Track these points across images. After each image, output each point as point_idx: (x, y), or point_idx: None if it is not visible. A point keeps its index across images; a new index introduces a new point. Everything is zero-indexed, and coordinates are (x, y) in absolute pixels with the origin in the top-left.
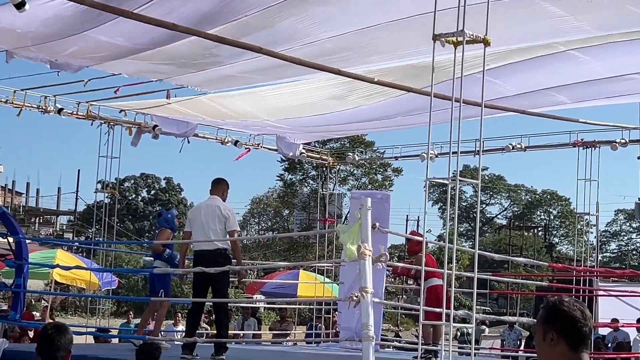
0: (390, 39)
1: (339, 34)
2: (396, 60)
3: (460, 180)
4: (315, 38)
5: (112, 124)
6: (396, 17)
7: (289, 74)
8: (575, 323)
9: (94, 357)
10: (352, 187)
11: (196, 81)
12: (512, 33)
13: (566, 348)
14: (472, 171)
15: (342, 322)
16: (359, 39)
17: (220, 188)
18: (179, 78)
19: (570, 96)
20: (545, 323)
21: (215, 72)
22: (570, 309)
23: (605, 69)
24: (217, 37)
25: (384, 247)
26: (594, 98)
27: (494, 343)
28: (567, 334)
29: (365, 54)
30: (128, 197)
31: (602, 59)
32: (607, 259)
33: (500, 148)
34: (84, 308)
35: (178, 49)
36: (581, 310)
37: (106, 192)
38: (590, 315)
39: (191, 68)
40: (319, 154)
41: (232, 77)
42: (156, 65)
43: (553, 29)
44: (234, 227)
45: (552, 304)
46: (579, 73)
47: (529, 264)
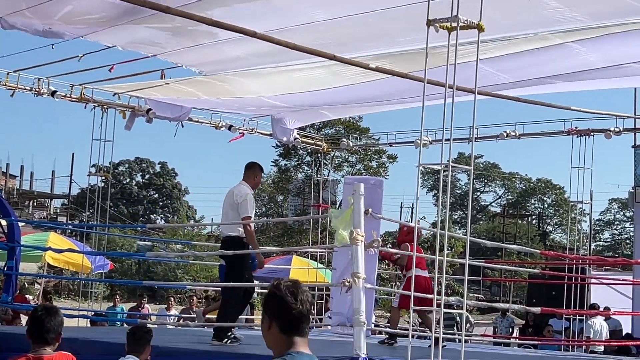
0: (384, 25)
1: (333, 17)
2: (390, 47)
3: (453, 166)
4: (310, 19)
5: (105, 107)
6: (391, 5)
7: (286, 57)
8: (285, 306)
9: (85, 340)
10: (346, 174)
11: (191, 60)
12: (506, 22)
13: (278, 332)
14: (467, 159)
15: (334, 308)
16: (354, 24)
17: (248, 173)
18: (174, 54)
19: (566, 83)
20: (263, 308)
21: (211, 51)
22: (281, 292)
23: (601, 59)
24: (212, 21)
25: (376, 233)
26: (589, 82)
27: (486, 330)
28: (278, 318)
29: (360, 40)
30: (122, 181)
31: (598, 50)
32: (601, 248)
33: (494, 135)
34: (77, 291)
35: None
36: (293, 293)
37: (100, 175)
38: (309, 298)
39: (186, 38)
40: (313, 140)
41: (227, 57)
42: (151, 33)
43: (547, 19)
44: (243, 214)
45: (268, 289)
46: (575, 64)
47: (522, 252)
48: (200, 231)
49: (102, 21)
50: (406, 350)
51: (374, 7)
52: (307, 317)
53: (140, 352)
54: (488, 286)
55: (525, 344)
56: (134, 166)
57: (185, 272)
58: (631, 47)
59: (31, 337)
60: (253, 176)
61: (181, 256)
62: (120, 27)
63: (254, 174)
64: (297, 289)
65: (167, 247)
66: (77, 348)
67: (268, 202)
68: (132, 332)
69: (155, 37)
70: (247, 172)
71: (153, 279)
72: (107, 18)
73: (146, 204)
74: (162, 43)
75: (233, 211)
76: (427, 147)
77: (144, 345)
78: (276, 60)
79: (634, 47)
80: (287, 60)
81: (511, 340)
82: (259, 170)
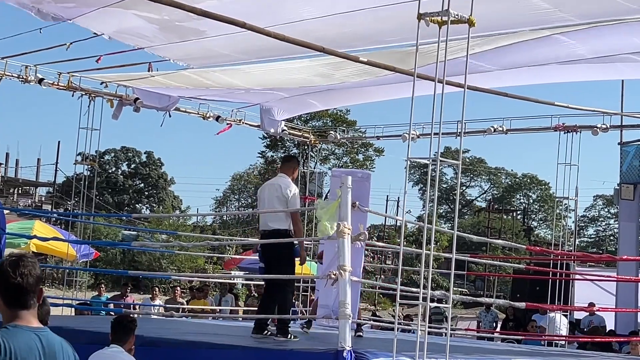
0: (375, 23)
1: (324, 15)
2: (381, 44)
3: (441, 160)
4: (299, 17)
5: (93, 95)
6: (380, 3)
7: (274, 53)
8: (5, 279)
9: (70, 329)
10: (333, 166)
11: (179, 54)
12: (496, 21)
13: (3, 305)
14: (453, 153)
15: (320, 300)
16: (344, 22)
17: (288, 165)
18: (161, 48)
19: (554, 73)
20: None
21: (198, 46)
22: (4, 266)
23: (590, 51)
24: (202, 11)
25: (363, 226)
26: (576, 70)
27: (470, 324)
28: (1, 291)
29: (350, 38)
30: (108, 170)
31: (586, 42)
32: (585, 244)
33: (481, 130)
34: (61, 280)
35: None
36: (13, 266)
37: (86, 164)
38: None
39: (174, 34)
40: (300, 132)
41: (216, 53)
42: (139, 23)
43: (537, 19)
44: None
45: None
46: (563, 55)
47: (507, 247)
48: (186, 221)
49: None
50: (392, 343)
51: (365, 4)
52: (28, 290)
53: (124, 342)
54: (472, 280)
55: (508, 339)
56: (120, 155)
57: (170, 263)
58: (619, 39)
59: None
60: (292, 169)
61: (167, 246)
62: (109, 11)
63: (293, 166)
64: (19, 263)
65: (152, 237)
66: (62, 337)
67: (254, 194)
68: (116, 322)
69: (143, 30)
70: (287, 164)
71: (138, 269)
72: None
73: (132, 193)
74: (149, 36)
75: (281, 205)
76: (415, 141)
77: (128, 334)
78: (264, 57)
79: (623, 40)
80: (275, 57)
81: (495, 334)
82: (297, 163)
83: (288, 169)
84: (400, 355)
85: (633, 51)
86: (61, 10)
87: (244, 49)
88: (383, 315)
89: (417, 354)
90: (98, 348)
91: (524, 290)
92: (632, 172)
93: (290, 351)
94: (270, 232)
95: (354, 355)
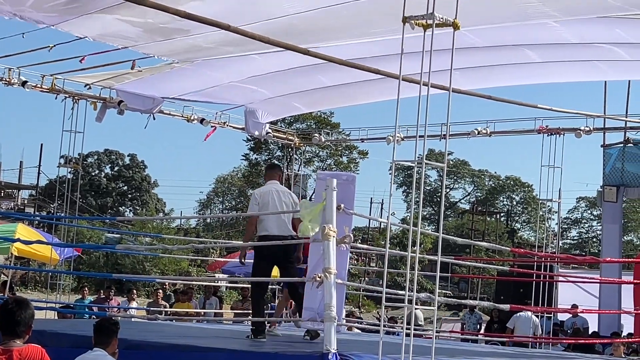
0: (359, 19)
1: (307, 10)
2: (365, 38)
3: (427, 163)
4: (283, 13)
5: (76, 98)
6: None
7: (259, 47)
8: None
9: (54, 333)
10: (317, 169)
11: (163, 50)
12: (481, 16)
13: None
14: (437, 155)
15: (305, 303)
16: (327, 16)
17: (272, 173)
18: (145, 46)
19: (540, 54)
20: None
21: (183, 42)
22: None
23: (575, 36)
24: (185, 14)
25: (348, 229)
26: (562, 60)
27: (455, 326)
28: None
29: (333, 33)
30: (91, 172)
31: (572, 28)
32: (568, 246)
33: (465, 133)
34: (44, 283)
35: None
36: None
37: (69, 166)
38: None
39: (158, 35)
40: (285, 134)
41: (200, 47)
42: (122, 27)
43: (522, 14)
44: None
45: None
46: (549, 38)
47: (491, 249)
48: (169, 224)
49: (73, 8)
50: (377, 345)
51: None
52: None
53: (106, 344)
54: (456, 282)
55: (492, 341)
56: (103, 158)
57: (153, 265)
58: (603, 30)
59: (1, 330)
60: (278, 176)
61: (151, 249)
62: (91, 16)
63: (279, 174)
64: None
65: (135, 239)
66: (45, 340)
67: (238, 196)
68: (98, 325)
69: (127, 32)
70: (272, 172)
71: (121, 272)
72: (79, 7)
73: (115, 196)
74: (133, 37)
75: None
76: (399, 144)
77: (111, 337)
78: (248, 49)
79: (608, 30)
80: (261, 50)
81: (479, 336)
82: (281, 171)
83: (276, 176)
84: (386, 357)
85: (614, 41)
86: (43, 18)
87: (228, 42)
88: (367, 318)
89: (403, 356)
90: (82, 351)
91: (508, 292)
92: (614, 174)
93: (276, 354)
94: (287, 238)
95: (340, 358)
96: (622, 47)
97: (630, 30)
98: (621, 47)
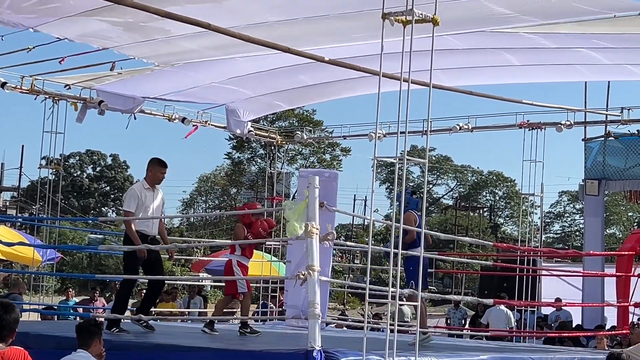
0: (340, 24)
1: (288, 19)
2: (346, 43)
3: (408, 159)
4: (263, 19)
5: (56, 99)
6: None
7: (241, 50)
8: None
9: (37, 335)
10: (300, 166)
11: (144, 52)
12: (459, 21)
13: None
14: (420, 151)
15: (289, 300)
16: (308, 22)
17: (146, 169)
18: (126, 47)
19: (519, 59)
20: None
21: (164, 43)
22: None
23: (554, 43)
24: (165, 13)
25: (331, 226)
26: (542, 64)
27: (439, 322)
28: None
29: (315, 37)
30: (73, 173)
31: (550, 36)
32: (551, 240)
33: (447, 129)
34: (27, 285)
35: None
36: None
37: (50, 168)
38: None
39: (138, 34)
40: (267, 132)
41: (182, 49)
42: (102, 27)
43: (499, 21)
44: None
45: None
46: (528, 43)
47: (475, 244)
48: None
49: (52, 8)
50: (361, 342)
51: (330, 4)
52: None
53: (89, 346)
54: (440, 278)
55: (477, 335)
56: (85, 158)
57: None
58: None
59: None
60: (148, 171)
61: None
62: (71, 18)
63: (149, 169)
64: None
65: (118, 240)
66: (29, 342)
67: (221, 195)
68: (80, 326)
69: (107, 32)
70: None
71: (105, 273)
72: (59, 10)
73: (97, 196)
74: (113, 37)
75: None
76: (381, 140)
77: (92, 338)
78: (230, 52)
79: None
80: (243, 52)
81: (464, 332)
82: (155, 164)
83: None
84: (370, 354)
85: (592, 47)
86: (22, 20)
87: (210, 44)
88: (352, 315)
89: (387, 352)
90: (65, 353)
91: (492, 286)
92: (596, 168)
93: (260, 352)
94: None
95: (324, 355)
96: (599, 52)
97: (605, 37)
98: (599, 52)
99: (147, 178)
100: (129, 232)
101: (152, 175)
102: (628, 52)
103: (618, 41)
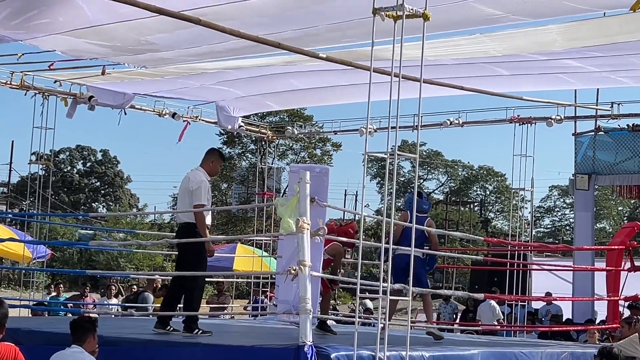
0: (332, 26)
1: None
2: (338, 44)
3: (399, 154)
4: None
5: (46, 94)
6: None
7: (230, 55)
8: None
9: (28, 330)
10: (291, 162)
11: (133, 60)
12: (449, 23)
13: None
14: (410, 146)
15: (280, 296)
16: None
17: (205, 159)
18: (115, 58)
19: (507, 68)
20: None
21: (153, 56)
22: None
23: (543, 55)
24: (155, 8)
25: (322, 221)
26: (530, 73)
27: None
28: None
29: (308, 39)
30: (63, 169)
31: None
32: (541, 234)
33: (438, 123)
34: (17, 281)
35: (114, 32)
36: None
37: (41, 163)
38: None
39: (127, 52)
40: (258, 128)
41: (170, 57)
42: (91, 47)
43: (488, 21)
44: (196, 201)
45: None
46: (517, 57)
47: (465, 239)
48: (143, 220)
49: (43, 25)
50: (352, 337)
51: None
52: None
53: (83, 342)
54: (431, 273)
55: (467, 330)
56: (75, 154)
57: (128, 261)
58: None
59: None
60: (209, 162)
61: (125, 245)
62: (57, 36)
63: (208, 160)
64: None
65: (109, 235)
66: (20, 338)
67: (212, 190)
68: (74, 322)
69: (96, 50)
70: (205, 157)
71: (95, 268)
72: (47, 28)
73: (88, 192)
74: (102, 53)
75: (188, 197)
76: (372, 135)
77: (87, 334)
78: (220, 57)
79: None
80: (231, 56)
81: (455, 326)
82: (216, 157)
83: (206, 162)
84: (361, 348)
85: (581, 56)
86: (10, 34)
87: (198, 53)
88: (342, 310)
89: (378, 347)
90: (57, 349)
91: (483, 281)
92: (586, 162)
93: (251, 347)
94: (179, 225)
95: (315, 350)
96: (588, 61)
97: (595, 48)
98: (586, 61)
99: (206, 168)
100: (200, 226)
101: (213, 167)
102: (617, 59)
103: (607, 50)
